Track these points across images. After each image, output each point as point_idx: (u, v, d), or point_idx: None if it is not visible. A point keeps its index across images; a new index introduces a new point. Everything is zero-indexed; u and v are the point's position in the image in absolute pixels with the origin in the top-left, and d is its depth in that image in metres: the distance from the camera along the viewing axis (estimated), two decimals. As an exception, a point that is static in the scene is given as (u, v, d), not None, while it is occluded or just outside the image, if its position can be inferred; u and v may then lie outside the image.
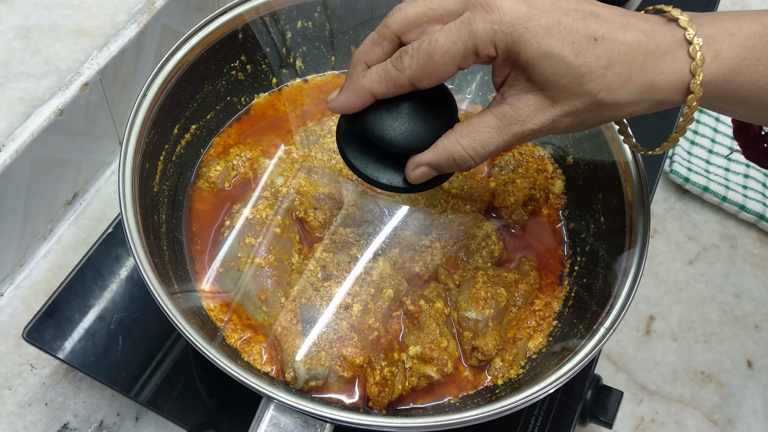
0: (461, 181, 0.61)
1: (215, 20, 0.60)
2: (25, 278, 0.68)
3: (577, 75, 0.40)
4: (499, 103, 0.43)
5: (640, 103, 0.42)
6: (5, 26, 0.69)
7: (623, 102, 0.41)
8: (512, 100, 0.42)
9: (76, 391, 0.63)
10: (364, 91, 0.43)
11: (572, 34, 0.40)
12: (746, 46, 0.42)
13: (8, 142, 0.62)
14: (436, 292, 0.57)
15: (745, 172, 0.85)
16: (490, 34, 0.40)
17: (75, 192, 0.72)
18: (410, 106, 0.44)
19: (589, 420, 0.60)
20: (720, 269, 0.78)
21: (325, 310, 0.53)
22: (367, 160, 0.47)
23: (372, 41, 0.44)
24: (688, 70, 0.41)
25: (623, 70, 0.40)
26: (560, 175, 0.65)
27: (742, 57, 0.42)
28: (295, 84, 0.69)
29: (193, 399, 0.58)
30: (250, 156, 0.63)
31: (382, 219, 0.59)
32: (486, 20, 0.39)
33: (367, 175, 0.47)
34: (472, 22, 0.40)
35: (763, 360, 0.72)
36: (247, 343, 0.55)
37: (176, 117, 0.60)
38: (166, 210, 0.58)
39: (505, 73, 0.42)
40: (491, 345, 0.54)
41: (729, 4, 1.03)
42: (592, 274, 0.58)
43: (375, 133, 0.44)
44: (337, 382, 0.52)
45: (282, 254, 0.56)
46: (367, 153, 0.47)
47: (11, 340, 0.64)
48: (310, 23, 0.67)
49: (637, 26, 0.41)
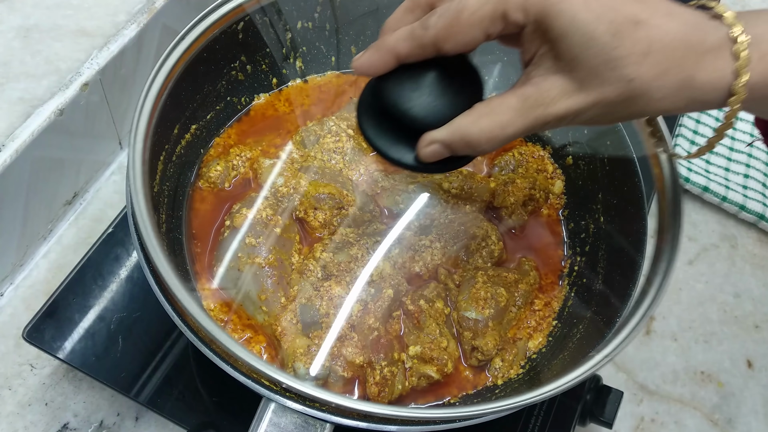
0: (461, 181, 0.61)
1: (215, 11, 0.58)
2: (25, 278, 0.68)
3: (609, 57, 0.37)
4: (524, 84, 0.40)
5: (675, 100, 0.39)
6: (5, 26, 0.69)
7: (658, 95, 0.38)
8: (538, 80, 0.39)
9: (76, 391, 0.63)
10: (387, 49, 0.41)
11: (612, 13, 0.37)
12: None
13: (8, 142, 0.62)
14: (436, 292, 0.57)
15: (745, 172, 0.85)
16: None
17: (75, 192, 0.72)
18: (433, 79, 0.42)
19: (589, 420, 0.60)
20: (720, 269, 0.78)
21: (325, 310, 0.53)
22: (382, 132, 0.44)
23: (405, 8, 0.42)
24: (732, 69, 0.38)
25: (662, 60, 0.37)
26: (560, 175, 0.65)
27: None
28: (295, 84, 0.69)
29: (193, 399, 0.58)
30: (250, 156, 0.63)
31: (382, 219, 0.59)
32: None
33: (379, 146, 0.44)
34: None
35: (763, 360, 0.72)
36: (247, 343, 0.55)
37: (176, 117, 0.60)
38: (166, 210, 0.58)
39: (534, 48, 0.39)
40: (491, 345, 0.54)
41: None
42: (592, 274, 0.58)
43: (391, 101, 0.42)
44: (337, 382, 0.52)
45: (282, 254, 0.56)
46: (384, 125, 0.44)
47: (11, 340, 0.64)
48: (310, 23, 0.67)
49: (683, 16, 0.38)
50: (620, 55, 0.37)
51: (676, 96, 0.39)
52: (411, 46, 0.40)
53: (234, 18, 0.61)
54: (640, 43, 0.37)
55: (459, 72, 0.43)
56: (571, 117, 0.40)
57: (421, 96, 0.42)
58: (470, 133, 0.41)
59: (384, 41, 0.41)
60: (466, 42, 0.39)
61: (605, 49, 0.37)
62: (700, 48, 0.38)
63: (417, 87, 0.42)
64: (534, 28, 0.38)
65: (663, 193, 0.53)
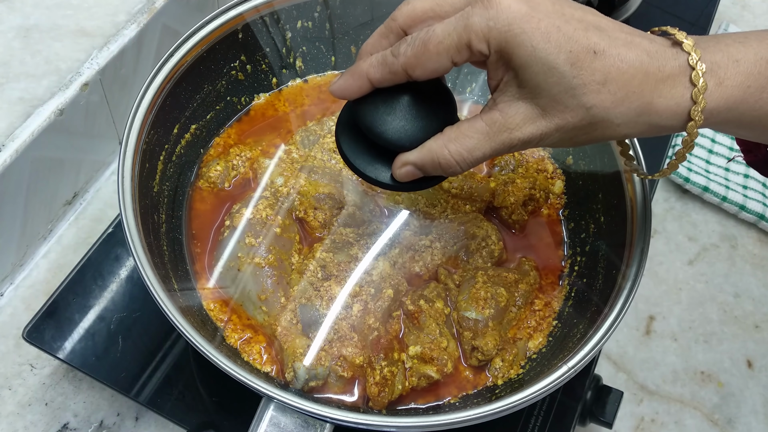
0: (461, 181, 0.61)
1: (215, 20, 0.60)
2: (25, 278, 0.68)
3: (569, 86, 0.39)
4: (491, 109, 0.42)
5: (635, 125, 0.41)
6: (5, 26, 0.69)
7: (617, 121, 0.40)
8: (503, 106, 0.41)
9: (76, 391, 0.63)
10: (361, 74, 0.43)
11: (571, 43, 0.38)
12: (752, 73, 0.40)
13: (8, 142, 0.62)
14: (436, 292, 0.57)
15: (745, 172, 0.85)
16: (485, 29, 0.39)
17: (75, 192, 0.72)
18: (407, 103, 0.44)
19: (589, 420, 0.60)
20: (720, 269, 0.78)
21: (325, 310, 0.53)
22: (359, 152, 0.46)
23: (379, 33, 0.44)
24: (690, 96, 0.40)
25: (619, 88, 0.39)
26: (560, 175, 0.65)
27: (747, 85, 0.40)
28: (295, 84, 0.69)
29: (193, 399, 0.58)
30: (250, 156, 0.63)
31: (382, 219, 0.59)
32: (483, 15, 0.39)
33: (356, 166, 0.46)
34: (470, 15, 0.39)
35: (763, 360, 0.72)
36: (247, 343, 0.55)
37: (176, 117, 0.60)
38: (166, 210, 0.58)
39: (499, 76, 0.41)
40: (491, 345, 0.54)
41: (729, 4, 1.03)
42: (592, 274, 0.58)
43: (367, 124, 0.44)
44: (337, 382, 0.52)
45: (282, 254, 0.56)
46: (361, 145, 0.46)
47: (11, 340, 0.64)
48: (310, 23, 0.67)
49: (641, 45, 0.40)
50: (579, 83, 0.39)
51: (636, 122, 0.40)
52: (383, 72, 0.42)
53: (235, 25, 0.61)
54: (598, 72, 0.39)
55: (432, 94, 0.45)
56: (536, 141, 0.42)
57: (394, 120, 0.44)
58: (441, 155, 0.43)
59: (358, 66, 0.43)
60: (434, 69, 0.41)
61: (565, 78, 0.39)
62: (659, 75, 0.39)
63: (391, 110, 0.44)
64: (497, 58, 0.40)
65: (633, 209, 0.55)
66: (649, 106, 0.40)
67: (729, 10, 1.03)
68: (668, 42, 0.41)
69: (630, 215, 0.56)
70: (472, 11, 0.39)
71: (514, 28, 0.39)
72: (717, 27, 0.98)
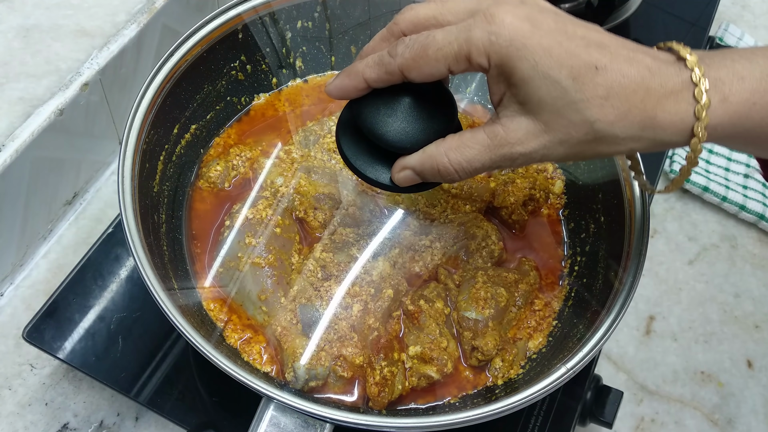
0: (461, 181, 0.61)
1: (215, 20, 0.60)
2: (25, 278, 0.68)
3: (572, 100, 0.39)
4: (493, 122, 0.42)
5: (639, 140, 0.40)
6: (5, 26, 0.69)
7: (621, 136, 0.40)
8: (505, 120, 0.41)
9: (76, 391, 0.63)
10: (357, 74, 0.43)
11: (572, 59, 0.38)
12: (757, 90, 0.40)
13: (8, 142, 0.62)
14: (436, 292, 0.57)
15: (745, 172, 0.85)
16: (486, 44, 0.39)
17: (75, 192, 0.73)
18: (408, 105, 0.44)
19: (589, 420, 0.60)
20: (720, 269, 0.78)
21: (325, 310, 0.53)
22: (359, 153, 0.46)
23: (381, 37, 0.45)
24: (693, 112, 0.39)
25: (622, 102, 0.39)
26: (560, 175, 0.65)
27: (752, 101, 0.40)
28: (295, 84, 0.69)
29: (193, 399, 0.58)
30: (250, 156, 0.63)
31: (382, 219, 0.59)
32: (485, 30, 0.39)
33: (356, 167, 0.46)
34: (472, 28, 0.39)
35: (763, 360, 0.72)
36: (247, 343, 0.55)
37: (176, 117, 0.60)
38: (166, 210, 0.58)
39: (501, 91, 0.41)
40: (491, 345, 0.54)
41: (729, 4, 1.03)
42: (591, 274, 0.58)
43: (368, 125, 0.44)
44: (337, 382, 0.52)
45: (282, 254, 0.56)
46: (362, 146, 0.46)
47: (11, 340, 0.64)
48: (309, 23, 0.67)
49: (643, 62, 0.40)
50: (582, 98, 0.39)
51: (640, 136, 0.40)
52: (379, 72, 0.42)
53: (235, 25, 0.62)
54: (600, 87, 0.39)
55: (433, 97, 0.45)
56: (540, 156, 0.42)
57: (396, 122, 0.44)
58: (440, 163, 0.43)
59: (354, 66, 0.43)
60: (430, 73, 0.41)
61: (568, 92, 0.39)
62: (661, 91, 0.39)
63: (392, 112, 0.44)
64: (497, 72, 0.40)
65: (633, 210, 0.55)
66: (653, 121, 0.40)
67: (729, 10, 1.03)
68: (672, 57, 0.41)
69: (629, 215, 0.56)
70: (474, 24, 0.39)
71: (516, 44, 0.39)
72: (717, 27, 0.98)
